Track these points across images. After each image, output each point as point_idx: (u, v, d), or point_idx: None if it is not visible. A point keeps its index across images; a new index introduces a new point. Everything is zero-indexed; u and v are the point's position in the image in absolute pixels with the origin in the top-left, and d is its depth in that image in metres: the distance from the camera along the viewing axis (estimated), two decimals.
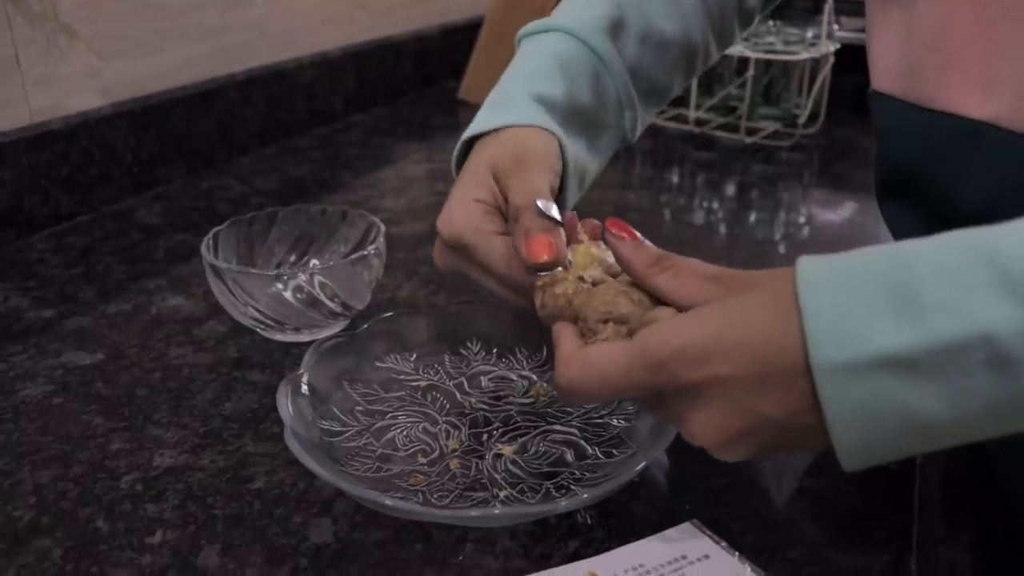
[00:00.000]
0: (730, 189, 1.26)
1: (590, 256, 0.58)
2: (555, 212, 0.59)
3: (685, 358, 0.44)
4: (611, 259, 0.57)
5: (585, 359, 0.48)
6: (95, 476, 0.62)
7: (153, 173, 1.19)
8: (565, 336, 0.52)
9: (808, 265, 0.43)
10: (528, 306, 0.60)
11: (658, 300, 0.51)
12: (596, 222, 0.62)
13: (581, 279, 0.56)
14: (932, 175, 0.62)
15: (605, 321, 0.51)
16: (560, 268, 0.57)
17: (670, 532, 0.56)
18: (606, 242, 0.55)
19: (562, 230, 0.59)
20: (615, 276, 0.56)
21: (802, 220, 1.16)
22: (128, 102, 1.14)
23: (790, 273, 0.43)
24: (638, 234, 0.53)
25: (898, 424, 0.40)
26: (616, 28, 0.73)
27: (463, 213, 0.62)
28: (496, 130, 0.66)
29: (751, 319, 0.43)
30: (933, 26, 0.58)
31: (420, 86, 1.76)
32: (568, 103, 0.69)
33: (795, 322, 0.41)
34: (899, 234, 0.71)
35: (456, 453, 0.63)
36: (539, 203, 0.59)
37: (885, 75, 0.65)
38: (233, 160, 1.32)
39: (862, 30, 1.73)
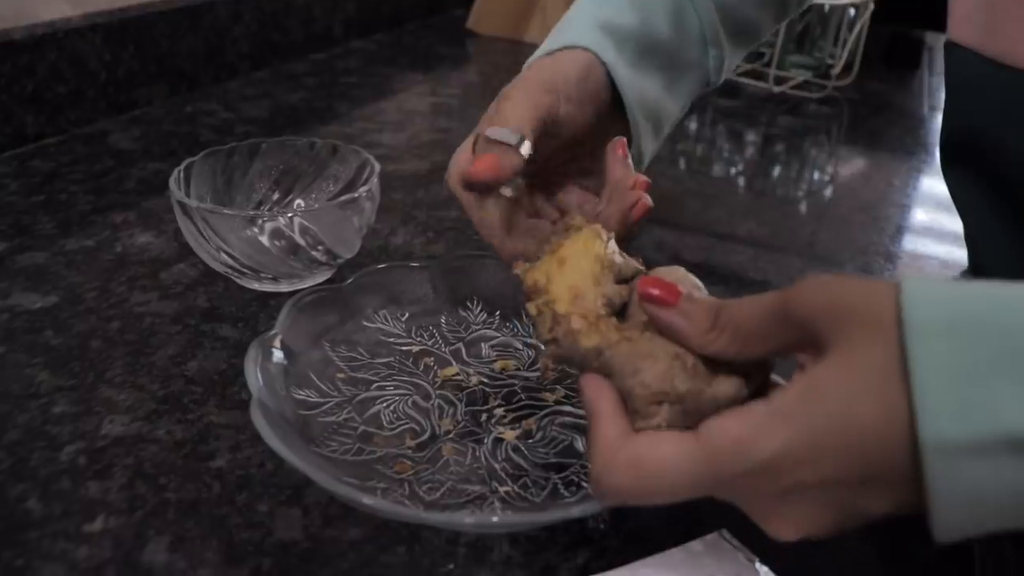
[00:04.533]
0: (753, 141, 1.17)
1: (591, 255, 0.46)
2: (512, 139, 0.51)
3: (770, 471, 0.35)
4: (619, 259, 0.47)
5: (638, 463, 0.38)
6: (32, 444, 0.54)
7: (130, 94, 1.09)
8: (604, 412, 0.41)
9: (918, 306, 0.33)
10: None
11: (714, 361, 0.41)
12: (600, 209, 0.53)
13: (602, 316, 0.44)
14: (1007, 141, 0.56)
15: (659, 402, 0.40)
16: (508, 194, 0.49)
17: (696, 544, 0.48)
18: (644, 306, 0.42)
19: (518, 156, 0.51)
20: (625, 281, 0.46)
21: (828, 179, 1.08)
22: (103, 14, 1.04)
23: (890, 312, 0.33)
24: (679, 286, 0.42)
25: (1013, 506, 0.32)
26: None
27: (455, 164, 0.56)
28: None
29: (850, 411, 0.34)
30: None
31: (426, 13, 1.66)
32: (641, 34, 0.61)
33: (901, 392, 0.32)
34: (963, 207, 0.64)
35: (450, 436, 0.55)
36: (488, 130, 0.52)
37: (963, 24, 0.58)
38: (220, 83, 1.23)
39: None
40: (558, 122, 0.56)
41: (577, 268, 0.46)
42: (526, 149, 0.52)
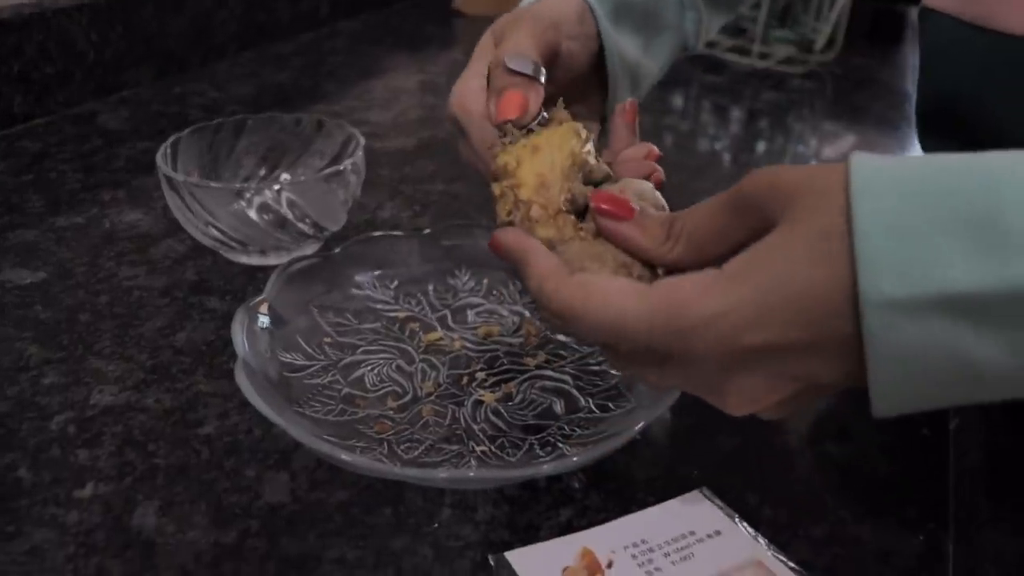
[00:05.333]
0: (738, 116, 1.18)
1: (566, 150, 0.46)
2: (530, 68, 0.51)
3: (715, 328, 0.35)
4: (592, 160, 0.47)
5: (587, 286, 0.39)
6: (22, 415, 0.54)
7: (119, 75, 1.09)
8: (538, 248, 0.42)
9: (864, 171, 0.34)
10: None
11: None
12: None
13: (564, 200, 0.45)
14: (986, 106, 0.56)
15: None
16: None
17: (675, 502, 0.49)
18: (596, 220, 0.43)
19: (540, 89, 0.51)
20: (595, 184, 0.46)
21: (812, 153, 1.08)
22: None
23: (839, 184, 0.34)
24: (632, 203, 0.42)
25: (949, 372, 0.33)
26: None
27: (459, 90, 0.55)
28: None
29: (797, 275, 0.34)
30: None
31: None
32: None
33: (844, 253, 0.33)
34: None
35: (431, 398, 0.56)
36: (507, 58, 0.51)
37: None
38: (208, 64, 1.23)
39: None
40: (559, 58, 0.56)
41: (549, 159, 0.46)
42: (542, 76, 0.51)
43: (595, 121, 0.61)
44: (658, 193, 0.45)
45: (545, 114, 0.50)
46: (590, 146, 0.48)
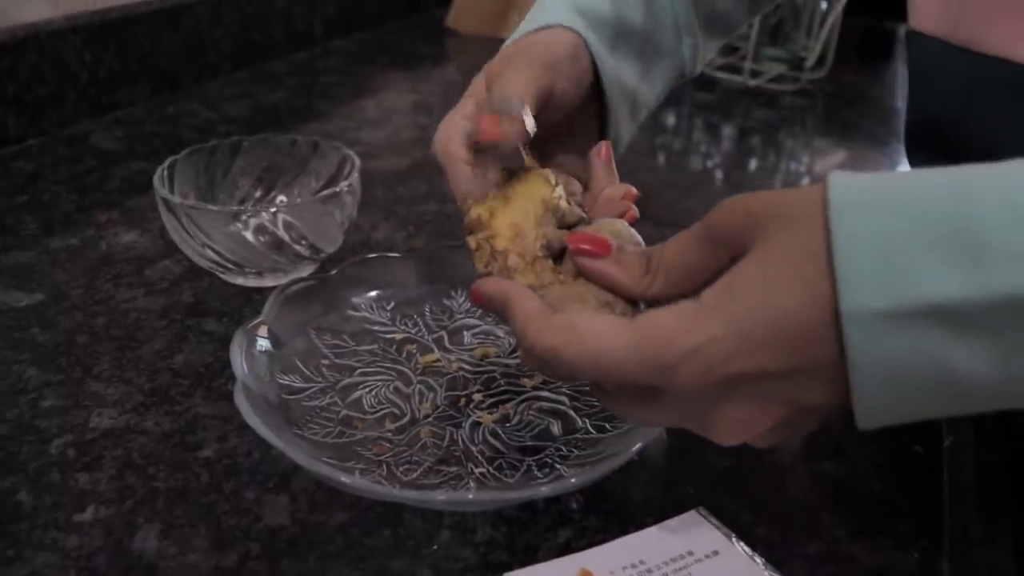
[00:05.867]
0: (730, 133, 1.19)
1: (537, 197, 0.47)
2: (518, 109, 0.50)
3: (699, 361, 0.36)
4: (564, 204, 0.48)
5: (572, 327, 0.39)
6: (22, 438, 0.55)
7: (112, 95, 1.10)
8: (521, 293, 0.43)
9: (843, 189, 0.34)
10: None
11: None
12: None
13: (538, 254, 0.46)
14: (971, 125, 0.57)
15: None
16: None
17: (673, 522, 0.49)
18: (575, 260, 0.44)
19: (523, 128, 0.50)
20: (568, 227, 0.47)
21: (804, 170, 1.09)
22: (84, 15, 1.04)
23: (813, 205, 0.35)
24: (610, 240, 0.43)
25: (931, 382, 0.33)
26: None
27: (443, 129, 0.54)
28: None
29: (775, 300, 0.35)
30: None
31: (406, 12, 1.67)
32: (615, 20, 0.61)
33: (821, 272, 0.34)
34: None
35: (429, 419, 0.56)
36: (493, 98, 0.51)
37: (927, 15, 0.59)
38: (201, 84, 1.23)
39: None
40: (553, 98, 0.55)
41: (522, 208, 0.47)
42: (530, 122, 0.51)
43: (584, 158, 0.61)
44: (633, 230, 0.46)
45: (526, 155, 0.50)
46: (560, 190, 0.49)
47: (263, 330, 0.57)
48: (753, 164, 1.09)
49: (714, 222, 0.38)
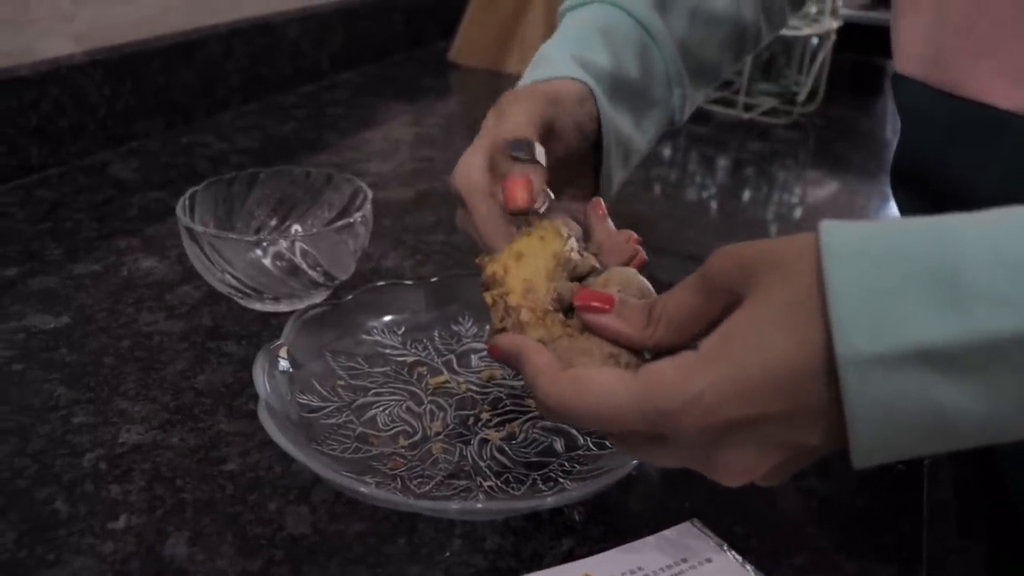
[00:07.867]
0: (724, 165, 1.23)
1: (548, 251, 0.50)
2: (531, 153, 0.54)
3: (700, 408, 0.38)
4: (576, 256, 0.50)
5: (580, 381, 0.43)
6: (55, 452, 0.58)
7: (129, 126, 1.14)
8: (533, 347, 0.46)
9: (835, 236, 0.37)
10: None
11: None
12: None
13: (550, 311, 0.49)
14: (951, 168, 0.59)
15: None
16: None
17: (669, 532, 0.52)
18: (580, 316, 0.47)
19: (542, 170, 0.54)
20: (581, 278, 0.50)
21: (796, 201, 1.13)
22: (103, 50, 1.09)
23: (806, 252, 0.37)
24: (614, 296, 0.46)
25: (922, 422, 0.35)
26: (664, 1, 0.68)
27: (463, 165, 0.57)
28: None
29: (769, 347, 0.37)
30: (964, 10, 0.55)
31: (410, 45, 1.71)
32: (613, 73, 0.64)
33: (814, 318, 0.36)
34: None
35: (440, 437, 0.60)
36: (507, 143, 0.54)
37: (910, 59, 0.61)
38: (214, 116, 1.27)
39: (866, 8, 1.70)
40: (555, 133, 0.59)
41: (533, 263, 0.50)
42: (541, 156, 0.54)
43: (584, 202, 0.64)
44: (642, 277, 0.49)
45: (551, 193, 0.53)
46: (572, 242, 0.51)
47: (284, 352, 0.61)
48: (747, 195, 1.13)
49: (710, 272, 0.41)
